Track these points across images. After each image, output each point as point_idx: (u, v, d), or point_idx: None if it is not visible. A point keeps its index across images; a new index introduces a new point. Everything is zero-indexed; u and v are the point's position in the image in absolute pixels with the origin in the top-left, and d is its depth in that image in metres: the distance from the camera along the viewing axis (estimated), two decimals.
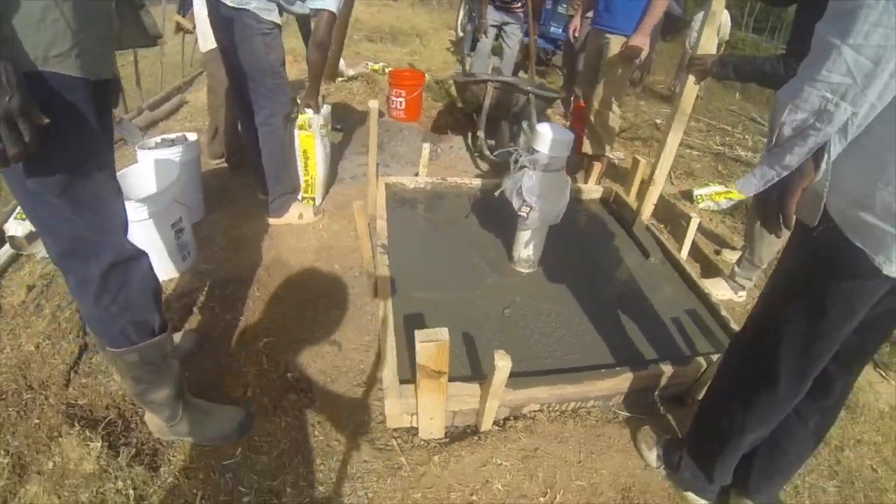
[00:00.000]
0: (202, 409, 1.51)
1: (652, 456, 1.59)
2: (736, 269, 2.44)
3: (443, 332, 1.24)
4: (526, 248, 2.11)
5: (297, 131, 2.46)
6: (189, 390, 1.49)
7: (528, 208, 1.88)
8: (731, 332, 1.96)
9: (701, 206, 3.34)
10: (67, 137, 0.94)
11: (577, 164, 3.45)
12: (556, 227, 2.09)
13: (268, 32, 2.06)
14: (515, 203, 1.91)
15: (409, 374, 1.58)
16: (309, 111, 2.44)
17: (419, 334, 1.24)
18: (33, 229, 2.10)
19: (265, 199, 2.64)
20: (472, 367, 1.67)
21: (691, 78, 2.04)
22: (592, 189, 2.85)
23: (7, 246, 2.15)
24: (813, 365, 1.11)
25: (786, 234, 1.08)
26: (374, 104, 2.11)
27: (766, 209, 0.98)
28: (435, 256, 2.19)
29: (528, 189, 1.86)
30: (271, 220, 2.55)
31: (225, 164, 3.10)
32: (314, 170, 2.60)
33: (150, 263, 1.22)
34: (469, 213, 2.54)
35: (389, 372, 1.52)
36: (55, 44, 0.86)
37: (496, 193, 2.01)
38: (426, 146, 2.56)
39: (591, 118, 3.23)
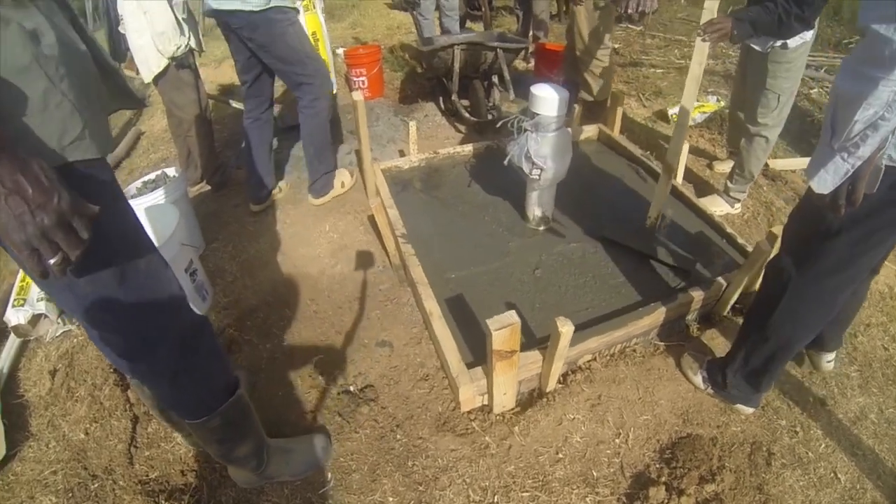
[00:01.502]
0: (282, 448, 1.49)
1: (698, 379, 1.71)
2: (729, 184, 2.50)
3: (512, 316, 1.28)
4: (539, 207, 2.14)
5: (303, 13, 2.49)
6: None
7: (540, 170, 1.89)
8: (738, 246, 2.06)
9: None
10: (110, 223, 0.84)
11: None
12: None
13: (294, 21, 2.14)
14: (526, 167, 1.92)
15: (470, 357, 1.62)
16: None
17: (491, 323, 1.27)
18: (36, 312, 1.98)
19: (259, 210, 2.65)
20: (526, 334, 1.71)
21: (706, 44, 1.76)
22: (578, 131, 2.86)
23: (12, 338, 2.02)
24: (856, 282, 1.25)
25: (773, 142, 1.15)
26: (357, 96, 2.06)
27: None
28: (452, 232, 2.19)
29: (536, 152, 1.86)
30: (316, 202, 2.62)
31: (206, 189, 2.98)
32: (325, 52, 2.62)
33: (210, 325, 1.17)
34: (470, 180, 2.52)
35: (454, 360, 1.56)
36: (67, 130, 0.77)
37: (504, 162, 2.00)
38: (412, 124, 2.51)
39: (585, 66, 2.90)
